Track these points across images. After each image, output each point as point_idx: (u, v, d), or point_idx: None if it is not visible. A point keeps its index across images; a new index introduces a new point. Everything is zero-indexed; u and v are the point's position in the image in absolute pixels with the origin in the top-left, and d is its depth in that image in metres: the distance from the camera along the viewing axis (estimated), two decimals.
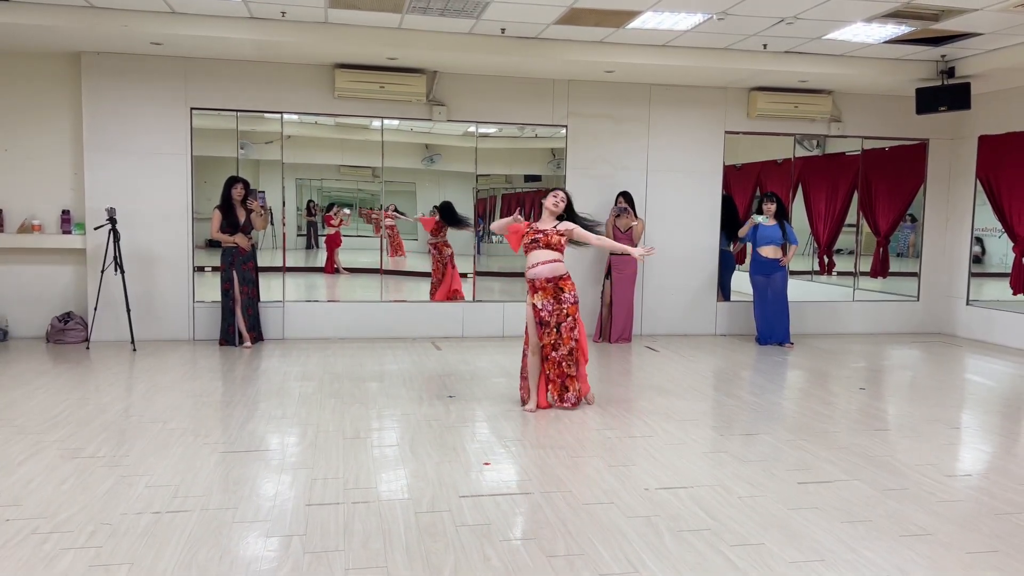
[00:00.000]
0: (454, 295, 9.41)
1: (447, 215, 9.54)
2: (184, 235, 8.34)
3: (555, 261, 5.59)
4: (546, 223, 5.70)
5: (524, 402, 5.80)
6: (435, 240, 9.64)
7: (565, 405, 5.69)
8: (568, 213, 5.74)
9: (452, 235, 9.63)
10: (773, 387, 6.91)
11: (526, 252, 5.66)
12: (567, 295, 5.60)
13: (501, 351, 8.15)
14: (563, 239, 5.63)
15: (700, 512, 3.88)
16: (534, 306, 5.62)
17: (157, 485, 4.08)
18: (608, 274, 8.88)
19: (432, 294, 9.52)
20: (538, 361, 5.68)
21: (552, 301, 5.58)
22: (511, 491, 4.14)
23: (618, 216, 8.66)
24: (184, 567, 3.18)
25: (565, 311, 5.59)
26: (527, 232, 5.64)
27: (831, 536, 3.62)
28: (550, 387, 5.70)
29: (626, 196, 8.81)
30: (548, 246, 5.58)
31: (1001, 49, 7.85)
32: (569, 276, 5.68)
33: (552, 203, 5.67)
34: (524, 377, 5.83)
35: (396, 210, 9.75)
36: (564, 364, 5.65)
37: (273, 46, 7.63)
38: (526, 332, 5.74)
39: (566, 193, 5.75)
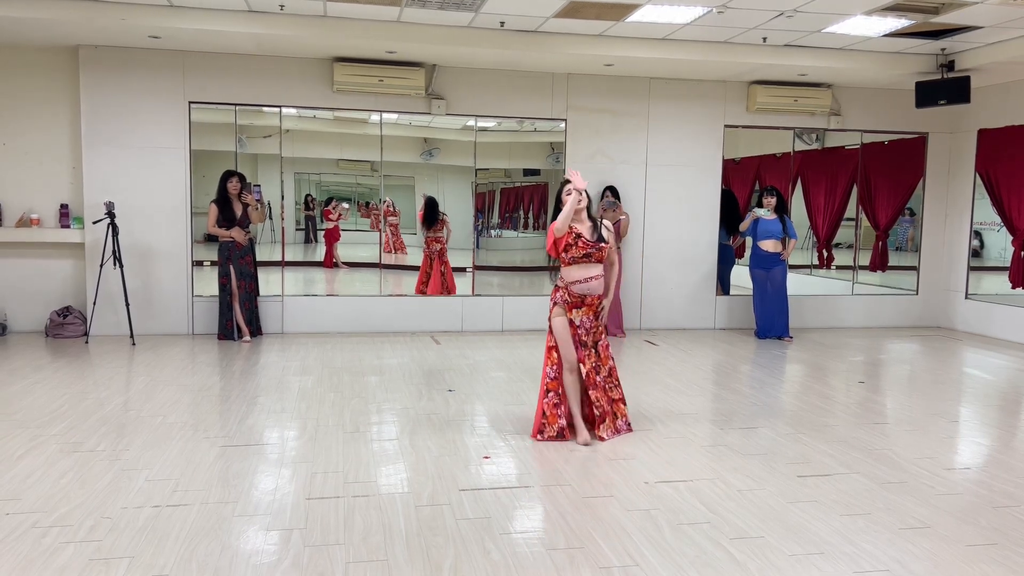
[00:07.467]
0: (448, 293, 9.40)
1: (428, 211, 9.56)
2: (183, 229, 8.33)
3: (603, 275, 4.91)
4: (578, 226, 4.83)
5: (564, 434, 4.91)
6: (427, 235, 9.63)
7: (621, 433, 5.05)
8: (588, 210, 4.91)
9: (450, 228, 9.60)
10: (772, 381, 6.92)
11: (568, 264, 4.84)
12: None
13: (500, 345, 8.16)
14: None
15: (700, 505, 3.89)
16: (571, 323, 4.88)
17: (157, 479, 4.09)
18: None
19: (419, 286, 9.44)
20: (577, 379, 4.92)
21: (591, 318, 4.91)
22: (511, 485, 4.15)
23: (606, 210, 8.67)
24: (184, 561, 3.19)
25: (602, 327, 5.01)
26: (574, 243, 4.80)
27: (830, 529, 3.63)
28: (606, 420, 4.96)
29: (612, 190, 8.83)
30: (599, 260, 4.89)
31: (1001, 43, 7.84)
32: None
33: (577, 202, 4.75)
34: (556, 404, 4.93)
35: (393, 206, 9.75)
36: (608, 388, 5.05)
37: (272, 40, 7.61)
38: (552, 353, 4.94)
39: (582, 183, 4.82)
